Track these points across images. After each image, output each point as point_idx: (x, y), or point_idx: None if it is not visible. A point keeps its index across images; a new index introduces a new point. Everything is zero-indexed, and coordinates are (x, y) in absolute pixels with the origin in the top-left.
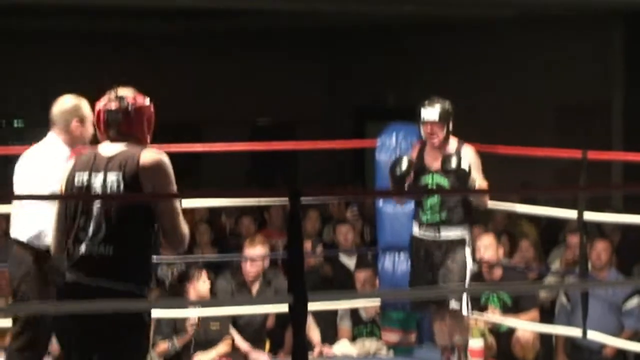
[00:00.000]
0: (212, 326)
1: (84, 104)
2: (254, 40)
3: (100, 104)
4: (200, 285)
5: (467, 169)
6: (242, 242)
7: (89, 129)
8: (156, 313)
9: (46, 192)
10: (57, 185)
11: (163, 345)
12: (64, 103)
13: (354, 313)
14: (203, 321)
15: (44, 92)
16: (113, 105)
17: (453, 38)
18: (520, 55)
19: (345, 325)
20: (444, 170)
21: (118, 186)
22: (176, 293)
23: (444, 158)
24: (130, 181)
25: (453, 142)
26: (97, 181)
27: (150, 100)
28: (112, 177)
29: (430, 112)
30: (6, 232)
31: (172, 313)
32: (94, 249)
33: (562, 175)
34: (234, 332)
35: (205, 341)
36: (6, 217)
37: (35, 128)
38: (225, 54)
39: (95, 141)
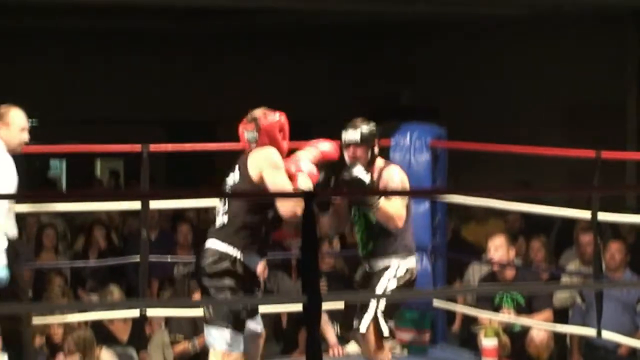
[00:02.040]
0: None
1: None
2: (269, 39)
3: (241, 127)
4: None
5: (366, 182)
6: None
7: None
8: (172, 312)
9: None
10: None
11: (183, 345)
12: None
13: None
14: None
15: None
16: (249, 127)
17: (468, 37)
18: (535, 54)
19: None
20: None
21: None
22: (191, 292)
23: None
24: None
25: (379, 163)
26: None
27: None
28: (236, 174)
29: (352, 134)
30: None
31: (188, 312)
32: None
33: (575, 176)
34: None
35: None
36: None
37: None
38: (240, 52)
39: None
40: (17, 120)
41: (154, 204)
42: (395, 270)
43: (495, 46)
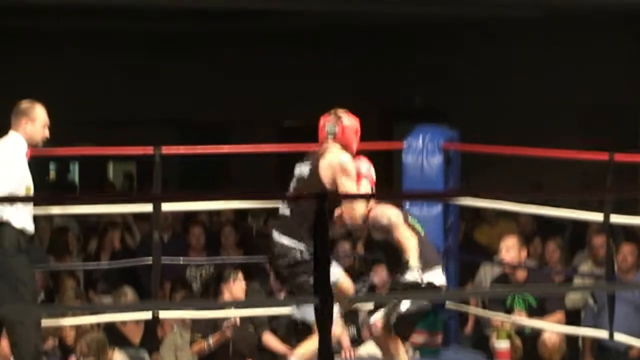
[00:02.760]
0: (248, 328)
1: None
2: (282, 41)
3: (323, 119)
4: (236, 286)
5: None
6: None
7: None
8: (184, 314)
9: None
10: None
11: (199, 345)
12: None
13: None
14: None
15: (70, 93)
16: (331, 120)
17: (481, 39)
18: (548, 56)
19: None
20: None
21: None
22: (206, 294)
23: None
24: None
25: None
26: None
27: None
28: (306, 167)
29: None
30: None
31: (201, 314)
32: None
33: (588, 178)
34: (268, 335)
35: (243, 342)
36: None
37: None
38: (253, 54)
39: None
40: (42, 115)
41: (167, 207)
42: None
43: (509, 48)
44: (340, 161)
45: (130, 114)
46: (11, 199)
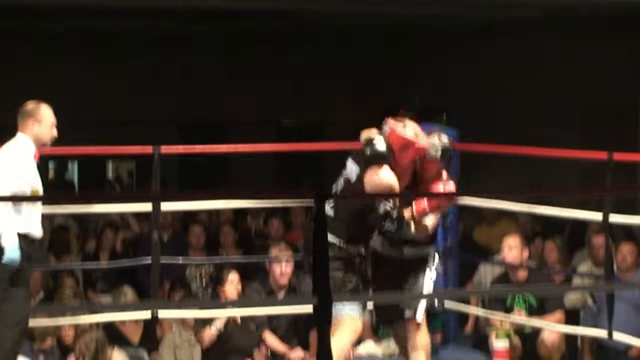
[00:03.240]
0: (250, 327)
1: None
2: (281, 41)
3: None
4: (231, 288)
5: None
6: (268, 243)
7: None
8: (184, 313)
9: None
10: None
11: (207, 333)
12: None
13: None
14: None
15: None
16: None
17: (481, 39)
18: (549, 56)
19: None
20: None
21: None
22: (206, 294)
23: None
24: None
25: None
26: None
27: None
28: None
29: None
30: None
31: (201, 314)
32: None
33: (588, 177)
34: (268, 334)
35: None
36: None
37: None
38: (252, 54)
39: None
40: (48, 115)
41: (166, 206)
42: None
43: (510, 48)
44: (382, 178)
45: (129, 113)
46: (9, 199)
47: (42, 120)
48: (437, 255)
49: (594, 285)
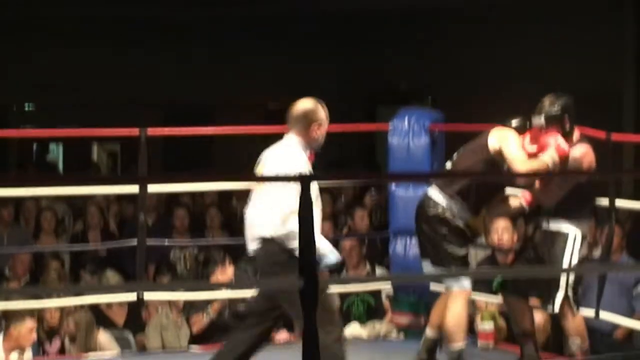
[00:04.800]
0: (239, 308)
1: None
2: (268, 25)
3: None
4: (223, 272)
5: None
6: None
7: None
8: (169, 296)
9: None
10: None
11: (198, 319)
12: (306, 107)
13: None
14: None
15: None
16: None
17: (464, 23)
18: (533, 41)
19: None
20: None
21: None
22: (194, 276)
23: None
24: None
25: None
26: None
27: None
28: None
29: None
30: None
31: (185, 296)
32: None
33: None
34: None
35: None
36: None
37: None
38: (238, 38)
39: None
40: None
41: (152, 188)
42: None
43: (494, 32)
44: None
45: (116, 96)
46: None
47: (324, 123)
48: None
49: (582, 268)
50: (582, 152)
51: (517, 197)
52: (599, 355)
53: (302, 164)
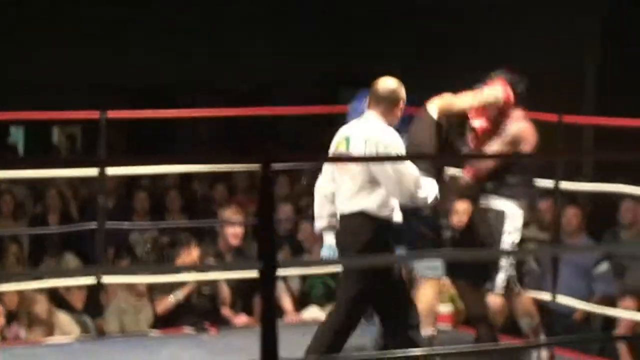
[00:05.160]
0: (203, 291)
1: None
2: (227, 6)
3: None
4: (189, 254)
5: None
6: (215, 208)
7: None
8: (128, 279)
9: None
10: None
11: (164, 301)
12: (392, 86)
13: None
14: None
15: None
16: None
17: (423, 4)
18: (495, 20)
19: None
20: None
21: None
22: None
23: None
24: None
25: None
26: None
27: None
28: None
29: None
30: None
31: (144, 279)
32: None
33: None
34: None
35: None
36: None
37: None
38: (194, 22)
39: None
40: None
41: (112, 171)
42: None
43: (454, 13)
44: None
45: (76, 80)
46: None
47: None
48: None
49: (540, 250)
50: (519, 129)
51: (462, 177)
52: (558, 337)
53: (400, 140)
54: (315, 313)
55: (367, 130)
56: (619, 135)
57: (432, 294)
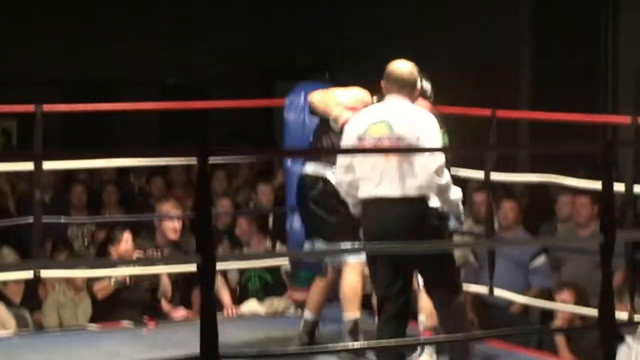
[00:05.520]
0: (142, 284)
1: None
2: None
3: None
4: (123, 246)
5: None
6: (152, 202)
7: None
8: (66, 273)
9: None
10: None
11: (104, 286)
12: (412, 68)
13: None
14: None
15: None
16: None
17: None
18: (431, 15)
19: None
20: None
21: None
22: (90, 253)
23: None
24: None
25: None
26: None
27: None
28: None
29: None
30: None
31: (83, 273)
32: None
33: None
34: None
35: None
36: None
37: None
38: (133, 12)
39: None
40: None
41: (48, 165)
42: None
43: (394, 7)
44: None
45: (11, 73)
46: None
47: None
48: None
49: (477, 242)
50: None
51: None
52: (496, 330)
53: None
54: (253, 306)
55: (406, 112)
56: (554, 127)
57: (355, 277)
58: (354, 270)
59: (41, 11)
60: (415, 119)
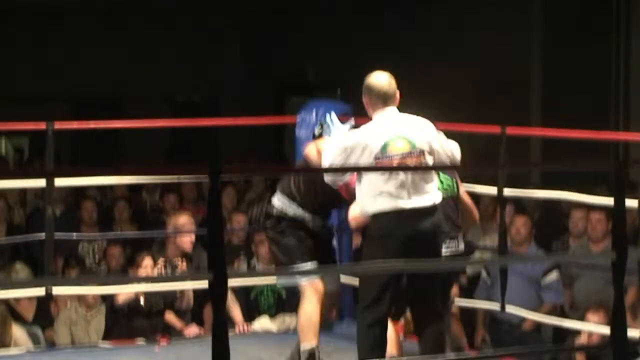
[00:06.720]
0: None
1: None
2: (173, 14)
3: None
4: (142, 272)
5: None
6: (163, 218)
7: None
8: (78, 290)
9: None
10: None
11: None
12: (389, 78)
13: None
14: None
15: None
16: None
17: (376, 13)
18: (441, 29)
19: None
20: None
21: None
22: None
23: None
24: None
25: None
26: None
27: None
28: None
29: None
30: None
31: (94, 290)
32: None
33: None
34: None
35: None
36: None
37: None
38: (144, 29)
39: None
40: None
41: (60, 182)
42: None
43: (403, 22)
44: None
45: (23, 91)
46: None
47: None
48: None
49: (490, 260)
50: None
51: None
52: (507, 347)
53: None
54: (265, 324)
55: (414, 122)
56: (567, 141)
57: (309, 303)
58: (307, 294)
59: (53, 29)
60: (421, 127)
